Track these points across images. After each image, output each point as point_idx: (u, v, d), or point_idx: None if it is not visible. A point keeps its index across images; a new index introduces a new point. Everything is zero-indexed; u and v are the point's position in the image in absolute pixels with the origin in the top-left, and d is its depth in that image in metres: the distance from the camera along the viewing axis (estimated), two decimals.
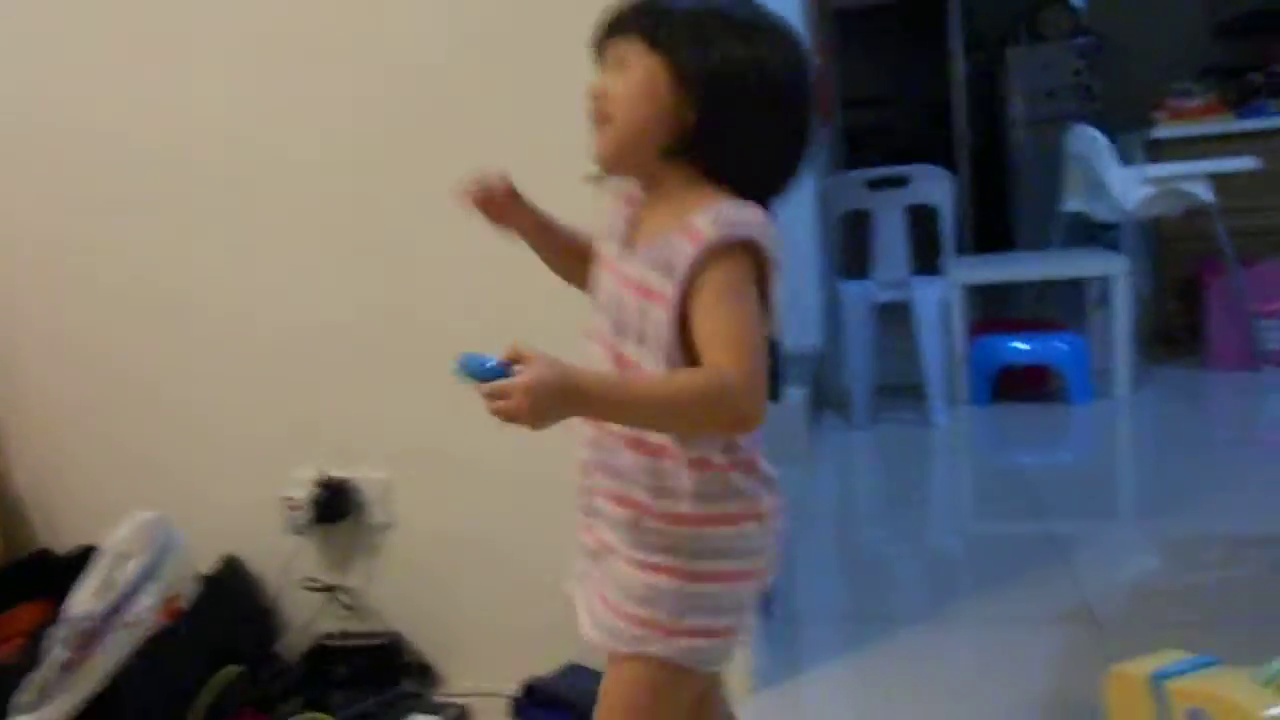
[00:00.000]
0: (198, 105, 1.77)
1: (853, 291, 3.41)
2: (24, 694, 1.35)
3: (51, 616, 1.66)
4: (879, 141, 7.15)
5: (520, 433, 0.95)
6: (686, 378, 0.85)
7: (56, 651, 1.34)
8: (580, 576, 1.02)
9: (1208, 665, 0.83)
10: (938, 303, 3.34)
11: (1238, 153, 3.52)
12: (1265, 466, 2.71)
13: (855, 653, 1.78)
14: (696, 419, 0.85)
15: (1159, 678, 0.85)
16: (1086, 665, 1.41)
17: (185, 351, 1.85)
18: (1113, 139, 3.62)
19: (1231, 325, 3.65)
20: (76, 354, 1.92)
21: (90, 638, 1.35)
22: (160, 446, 1.88)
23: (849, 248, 4.08)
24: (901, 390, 3.48)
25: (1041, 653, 1.74)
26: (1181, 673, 0.84)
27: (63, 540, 1.93)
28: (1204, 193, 3.40)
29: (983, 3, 6.69)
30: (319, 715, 1.56)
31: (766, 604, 1.84)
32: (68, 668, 1.34)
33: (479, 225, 1.17)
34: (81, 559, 1.81)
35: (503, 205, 1.01)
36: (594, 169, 0.96)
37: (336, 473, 1.74)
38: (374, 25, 1.67)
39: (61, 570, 1.82)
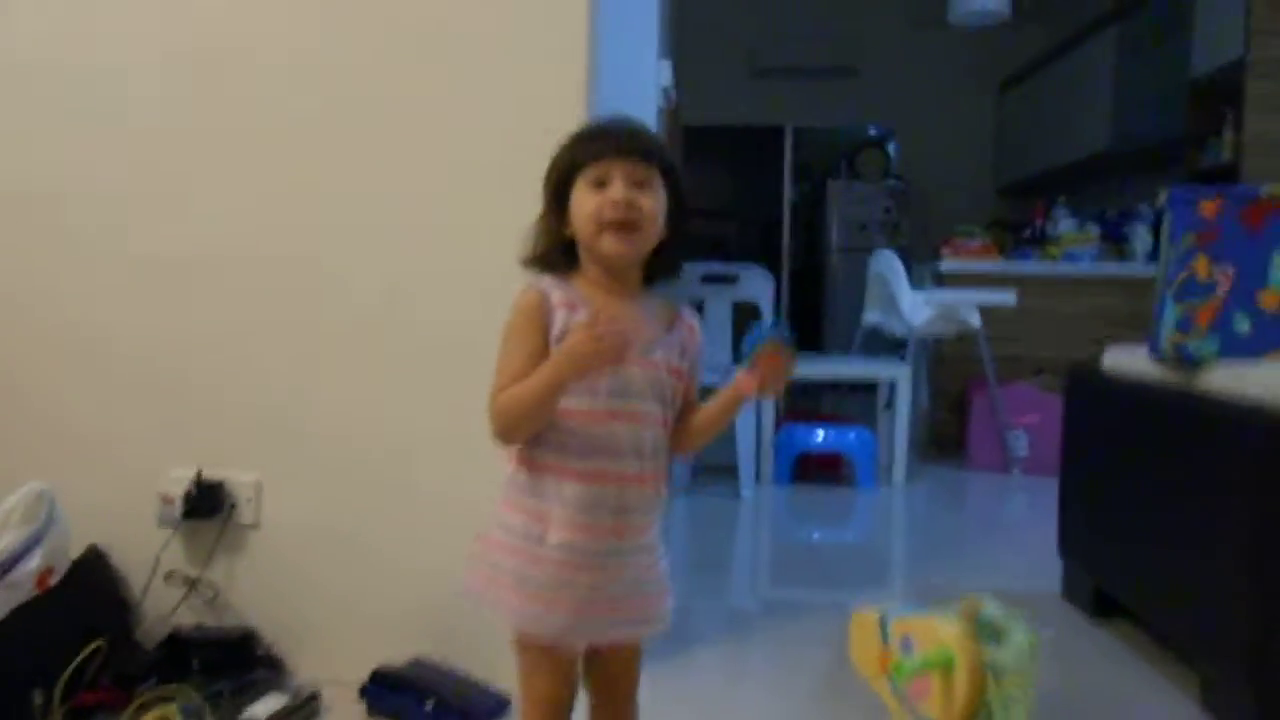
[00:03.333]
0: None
1: None
2: None
3: None
4: (714, 251, 7.64)
5: (383, 437, 1.13)
6: None
7: None
8: (573, 585, 1.12)
9: (919, 609, 1.12)
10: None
11: (1004, 289, 4.11)
12: (999, 543, 3.23)
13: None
14: None
15: (884, 618, 1.13)
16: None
17: (59, 351, 1.89)
18: (911, 267, 4.15)
19: (988, 434, 4.18)
20: None
21: None
22: (33, 444, 1.89)
23: None
24: (719, 469, 3.81)
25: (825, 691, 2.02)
26: (900, 614, 1.13)
27: None
28: (973, 319, 3.94)
29: (812, 137, 7.36)
30: (180, 686, 1.64)
31: None
32: None
33: (368, 237, 1.34)
34: None
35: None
36: (526, 256, 1.18)
37: (211, 474, 1.85)
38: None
39: None
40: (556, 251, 1.17)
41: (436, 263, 1.84)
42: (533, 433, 1.12)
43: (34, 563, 1.49)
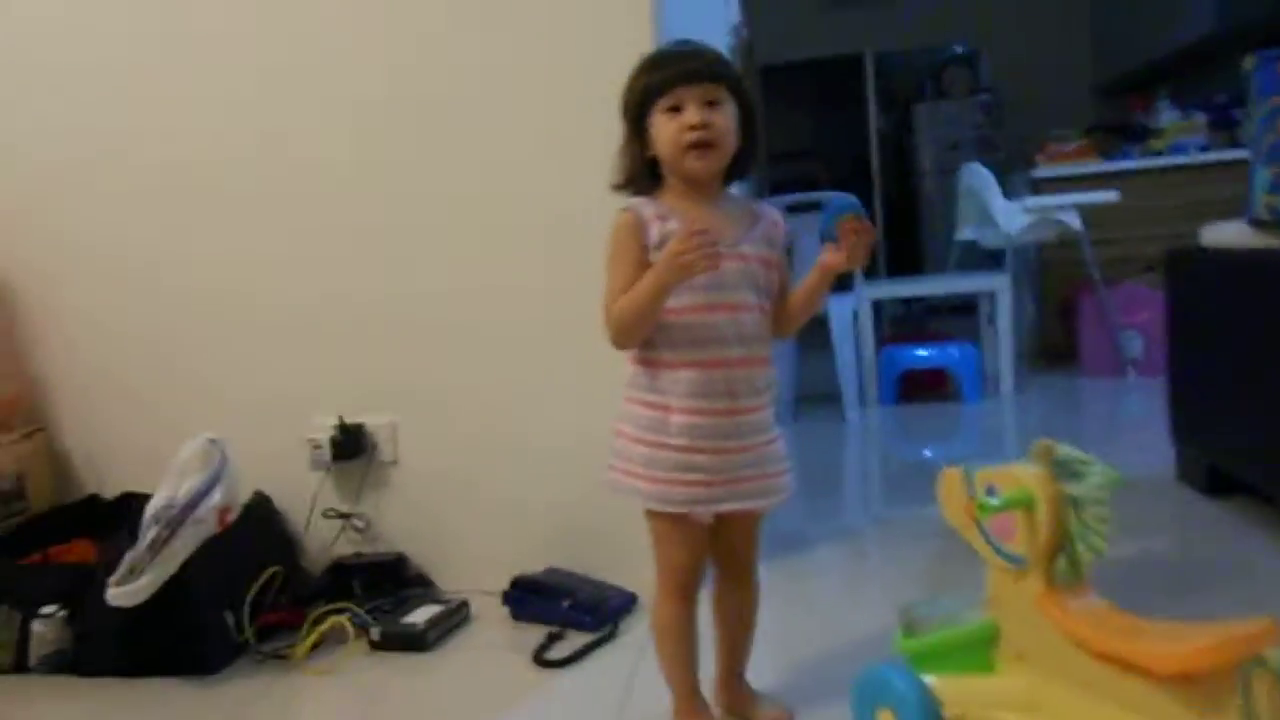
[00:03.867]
0: (219, 100, 2.09)
1: None
2: (120, 570, 1.66)
3: (98, 552, 1.96)
4: (805, 190, 7.59)
5: (498, 382, 1.30)
6: None
7: (153, 531, 1.64)
8: (718, 469, 1.26)
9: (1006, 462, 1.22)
10: (850, 315, 3.77)
11: (1104, 189, 4.03)
12: (1111, 439, 3.22)
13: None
14: None
15: (969, 471, 1.24)
16: None
17: (217, 321, 2.14)
18: (1006, 179, 4.09)
19: (1100, 338, 4.12)
20: (113, 328, 2.18)
21: (174, 524, 1.66)
22: (196, 405, 2.13)
23: None
24: (822, 396, 3.88)
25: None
26: (982, 466, 1.23)
27: (108, 489, 2.21)
28: (1073, 221, 3.89)
29: (893, 62, 7.22)
30: (347, 604, 1.86)
31: None
32: (154, 548, 1.64)
33: (470, 204, 1.49)
34: (123, 503, 2.12)
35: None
36: (616, 182, 1.31)
37: (352, 419, 2.07)
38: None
39: (106, 513, 2.14)
40: (642, 173, 1.30)
41: (541, 224, 1.99)
42: (644, 335, 1.26)
43: (215, 499, 1.72)
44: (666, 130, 1.24)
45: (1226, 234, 2.15)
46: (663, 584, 1.32)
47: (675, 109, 1.23)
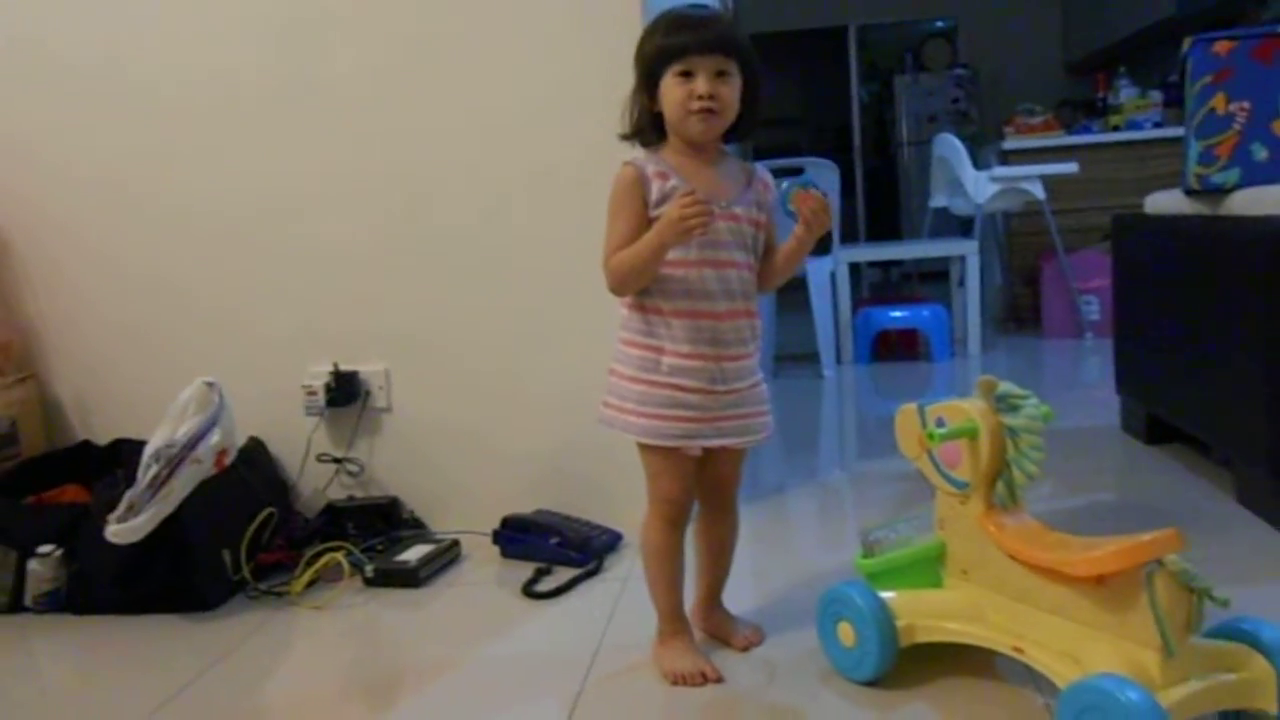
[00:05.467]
0: (229, 47, 2.08)
1: None
2: (120, 508, 1.69)
3: (92, 494, 1.94)
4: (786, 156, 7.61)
5: (488, 330, 1.35)
6: None
7: (153, 469, 1.67)
8: (704, 407, 1.32)
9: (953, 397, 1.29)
10: (828, 277, 3.82)
11: (1067, 161, 4.09)
12: (1066, 393, 3.33)
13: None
14: None
15: (922, 407, 1.30)
16: None
17: (215, 268, 2.14)
18: (978, 150, 4.15)
19: (1061, 302, 4.21)
20: (123, 274, 2.17)
21: (174, 463, 1.69)
22: (191, 353, 2.13)
23: None
24: (800, 355, 3.96)
25: None
26: (934, 401, 1.30)
27: (99, 435, 2.20)
28: (1037, 191, 3.95)
29: (876, 34, 7.23)
30: (342, 544, 1.91)
31: None
32: (153, 487, 1.68)
33: (464, 154, 1.51)
34: (114, 449, 2.13)
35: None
36: (625, 131, 1.36)
37: (346, 366, 2.10)
38: None
39: (98, 459, 2.13)
40: (648, 125, 1.35)
41: (523, 174, 2.02)
42: (642, 286, 1.33)
43: (214, 439, 1.74)
44: (676, 94, 1.29)
45: (1165, 202, 2.24)
46: (654, 512, 1.39)
47: (687, 74, 1.28)
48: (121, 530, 1.68)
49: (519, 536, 1.93)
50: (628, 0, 1.90)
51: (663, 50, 1.29)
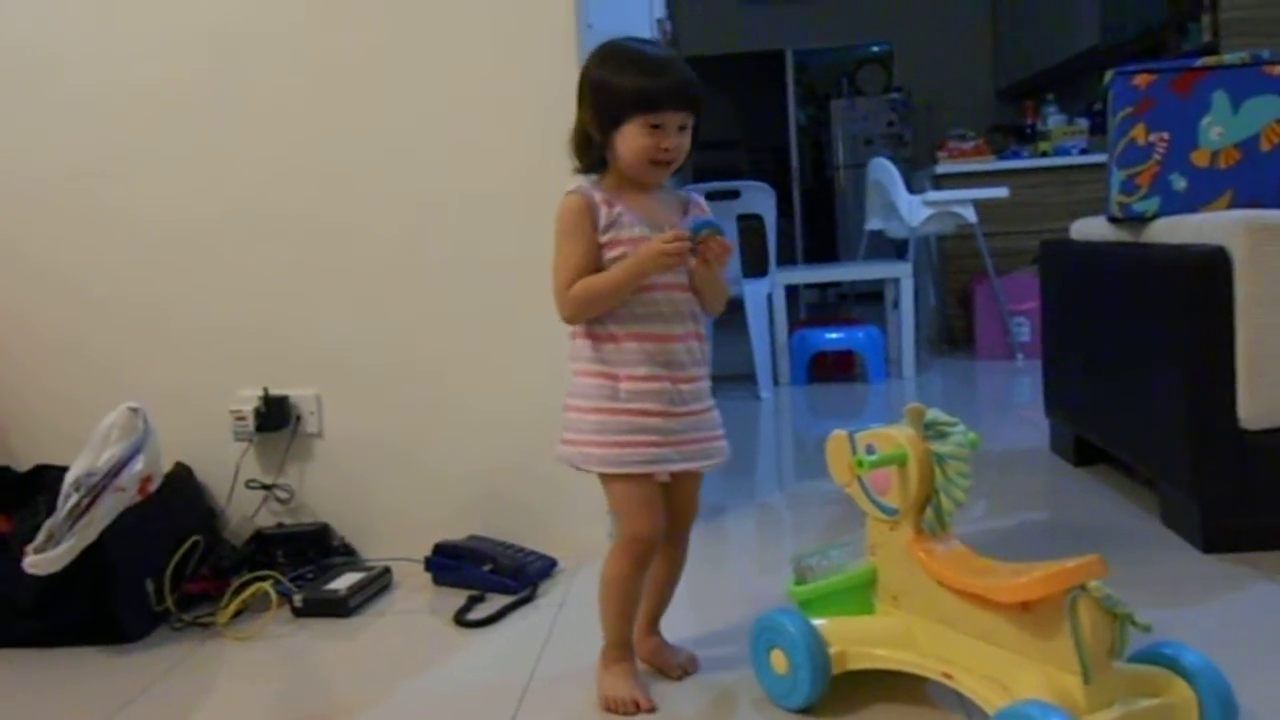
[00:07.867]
0: (160, 62, 2.03)
1: None
2: (39, 538, 1.62)
3: (11, 522, 1.89)
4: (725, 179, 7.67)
5: (421, 353, 1.30)
6: None
7: (74, 498, 1.60)
8: (667, 430, 1.31)
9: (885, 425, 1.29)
10: (765, 299, 3.85)
11: (997, 185, 4.18)
12: (999, 416, 3.34)
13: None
14: None
15: (853, 435, 1.31)
16: None
17: (143, 286, 2.07)
18: (913, 174, 4.22)
19: (993, 324, 4.29)
20: (49, 289, 2.09)
21: (95, 492, 1.62)
22: (117, 373, 2.05)
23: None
24: (738, 376, 3.95)
25: None
26: (864, 428, 1.31)
27: (20, 457, 2.10)
28: (969, 215, 4.03)
29: (813, 59, 7.35)
30: (270, 573, 1.85)
31: None
32: (73, 517, 1.61)
33: (395, 179, 1.48)
34: (35, 476, 2.03)
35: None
36: (578, 167, 1.35)
37: (276, 390, 2.05)
38: None
39: (17, 485, 2.02)
40: (598, 158, 1.34)
41: (455, 194, 2.00)
42: (598, 313, 1.31)
43: (138, 467, 1.68)
44: (641, 142, 1.28)
45: (1090, 229, 2.30)
46: (624, 551, 1.35)
47: (656, 126, 1.27)
48: (40, 561, 1.61)
49: (451, 563, 1.89)
50: (563, 25, 1.90)
51: (636, 96, 1.27)
